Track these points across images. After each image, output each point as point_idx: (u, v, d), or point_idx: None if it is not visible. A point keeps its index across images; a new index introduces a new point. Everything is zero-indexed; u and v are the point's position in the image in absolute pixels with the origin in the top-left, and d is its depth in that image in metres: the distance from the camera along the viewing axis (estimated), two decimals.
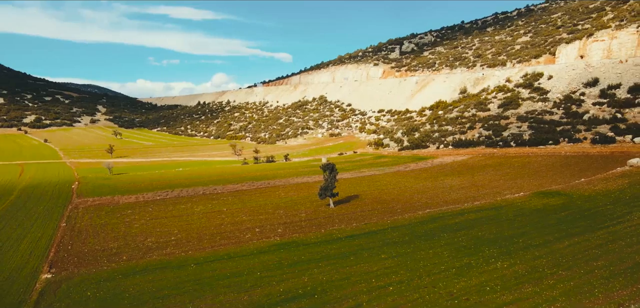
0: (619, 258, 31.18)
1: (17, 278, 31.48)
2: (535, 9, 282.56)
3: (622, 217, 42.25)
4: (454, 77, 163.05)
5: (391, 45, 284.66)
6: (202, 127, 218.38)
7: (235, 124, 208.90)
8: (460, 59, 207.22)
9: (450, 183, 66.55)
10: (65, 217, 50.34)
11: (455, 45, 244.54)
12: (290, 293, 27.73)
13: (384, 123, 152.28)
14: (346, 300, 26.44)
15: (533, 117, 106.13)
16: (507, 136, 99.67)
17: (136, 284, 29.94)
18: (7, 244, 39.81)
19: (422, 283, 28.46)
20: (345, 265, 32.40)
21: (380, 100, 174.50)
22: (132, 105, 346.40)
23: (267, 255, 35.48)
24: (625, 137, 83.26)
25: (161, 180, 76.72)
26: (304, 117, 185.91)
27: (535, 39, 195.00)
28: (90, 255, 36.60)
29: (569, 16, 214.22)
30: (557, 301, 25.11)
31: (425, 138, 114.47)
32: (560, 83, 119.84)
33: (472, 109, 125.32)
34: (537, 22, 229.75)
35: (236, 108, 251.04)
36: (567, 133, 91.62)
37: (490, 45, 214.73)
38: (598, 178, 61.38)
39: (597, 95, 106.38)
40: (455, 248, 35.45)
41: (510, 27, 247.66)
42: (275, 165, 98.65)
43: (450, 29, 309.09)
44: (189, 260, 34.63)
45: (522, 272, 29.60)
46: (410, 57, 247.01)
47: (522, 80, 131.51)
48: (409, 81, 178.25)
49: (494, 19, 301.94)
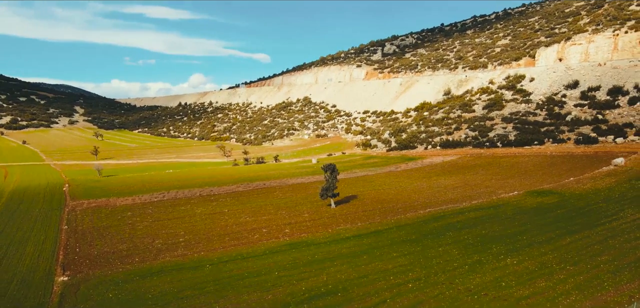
0: (621, 254, 32.70)
1: (33, 281, 31.15)
2: (512, 12, 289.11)
3: (616, 214, 44.13)
4: (438, 78, 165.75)
5: (373, 47, 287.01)
6: (185, 128, 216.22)
7: (219, 125, 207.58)
8: (442, 61, 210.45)
9: (444, 183, 67.97)
10: (64, 220, 49.67)
11: (436, 47, 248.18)
12: (313, 291, 28.26)
13: (369, 124, 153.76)
14: (369, 297, 27.13)
15: (517, 118, 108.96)
16: (493, 137, 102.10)
17: (155, 285, 30.01)
18: (12, 247, 39.19)
19: (439, 280, 29.36)
20: (359, 264, 33.09)
21: (365, 101, 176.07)
22: (110, 106, 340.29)
23: (280, 255, 35.92)
24: (608, 137, 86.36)
25: (154, 182, 76.08)
26: (289, 118, 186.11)
27: (515, 42, 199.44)
28: (101, 257, 36.37)
29: (546, 20, 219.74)
30: (570, 295, 26.30)
31: (413, 139, 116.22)
32: (542, 85, 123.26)
33: (457, 110, 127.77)
34: (515, 25, 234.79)
35: (219, 109, 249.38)
36: (551, 134, 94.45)
37: (471, 47, 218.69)
38: (586, 178, 63.68)
39: (578, 97, 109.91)
40: (463, 245, 36.53)
41: (489, 30, 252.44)
42: (267, 167, 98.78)
43: (430, 31, 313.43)
44: (203, 261, 34.80)
45: (533, 268, 30.80)
46: (392, 58, 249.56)
47: (504, 82, 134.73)
48: (393, 82, 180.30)
49: (472, 21, 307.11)
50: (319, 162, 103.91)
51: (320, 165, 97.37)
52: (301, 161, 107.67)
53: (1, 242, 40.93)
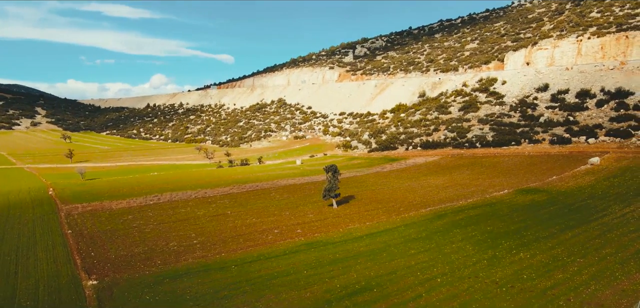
0: (621, 246, 35.34)
1: (60, 286, 30.74)
2: (477, 17, 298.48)
3: (604, 210, 47.26)
4: (412, 81, 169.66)
5: (344, 49, 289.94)
6: (156, 130, 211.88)
7: (193, 126, 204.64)
8: (414, 64, 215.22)
9: (434, 183, 70.27)
10: (65, 224, 48.60)
11: (407, 50, 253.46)
12: (349, 288, 29.29)
13: (346, 125, 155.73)
14: (405, 292, 28.41)
15: (493, 119, 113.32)
16: (471, 137, 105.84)
17: (188, 287, 30.28)
18: (22, 253, 38.27)
19: (464, 274, 30.98)
20: (382, 261, 34.35)
21: (341, 103, 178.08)
22: (73, 107, 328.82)
23: (301, 255, 36.72)
24: (580, 138, 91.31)
25: (144, 185, 74.98)
26: (264, 119, 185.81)
27: (483, 46, 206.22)
28: (121, 260, 36.11)
29: (510, 25, 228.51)
30: (589, 285, 28.43)
31: (393, 140, 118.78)
32: (513, 88, 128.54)
33: (434, 111, 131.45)
34: (482, 30, 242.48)
35: (191, 110, 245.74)
36: (526, 134, 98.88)
37: (441, 51, 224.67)
38: (567, 176, 67.41)
39: (549, 100, 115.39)
40: (474, 242, 38.42)
41: (457, 34, 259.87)
42: (252, 169, 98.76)
43: (399, 35, 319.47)
44: (227, 263, 35.18)
45: (546, 261, 32.91)
46: (363, 60, 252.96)
47: (478, 85, 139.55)
48: (367, 85, 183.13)
49: (439, 25, 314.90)
50: (303, 163, 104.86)
51: (304, 166, 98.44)
52: (285, 162, 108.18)
53: (8, 248, 39.85)
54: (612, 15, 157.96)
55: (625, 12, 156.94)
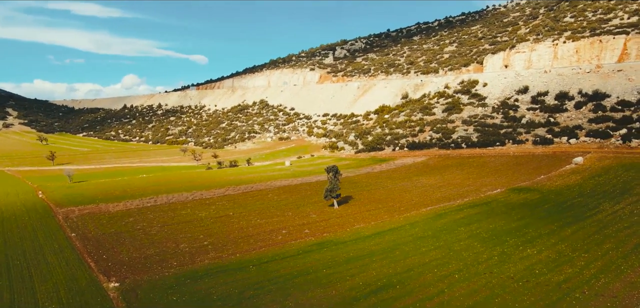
0: (620, 242, 37.25)
1: (81, 288, 30.54)
2: (454, 21, 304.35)
3: (596, 207, 49.49)
4: (394, 82, 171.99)
5: (324, 50, 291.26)
6: (135, 132, 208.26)
7: (173, 128, 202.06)
8: (394, 66, 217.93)
9: (427, 183, 71.82)
10: (66, 228, 47.88)
11: (386, 52, 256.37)
12: (371, 285, 30.10)
13: (331, 127, 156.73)
14: (426, 288, 29.41)
15: (476, 120, 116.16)
16: (456, 138, 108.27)
17: (213, 287, 30.54)
18: (31, 256, 37.68)
19: (479, 270, 32.20)
20: (397, 259, 35.29)
21: (324, 104, 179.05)
22: (45, 108, 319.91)
23: (315, 254, 37.33)
24: (561, 138, 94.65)
25: (136, 188, 74.12)
26: (247, 121, 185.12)
27: (461, 49, 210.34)
28: (135, 262, 36.00)
29: (487, 29, 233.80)
30: (599, 278, 30.02)
31: (379, 141, 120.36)
32: (495, 90, 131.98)
33: (418, 113, 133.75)
34: (459, 33, 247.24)
35: (170, 112, 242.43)
36: (510, 135, 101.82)
37: (420, 53, 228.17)
38: (555, 175, 69.98)
39: (529, 101, 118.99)
40: (480, 239, 39.80)
41: (435, 37, 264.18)
42: (242, 170, 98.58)
43: (378, 36, 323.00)
44: (244, 263, 35.52)
45: (554, 257, 34.46)
46: (344, 62, 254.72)
47: (460, 87, 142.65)
48: (350, 86, 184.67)
49: (417, 28, 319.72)
50: (292, 164, 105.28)
51: (294, 167, 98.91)
52: (274, 164, 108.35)
53: (14, 252, 39.16)
54: (586, 20, 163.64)
55: (598, 17, 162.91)
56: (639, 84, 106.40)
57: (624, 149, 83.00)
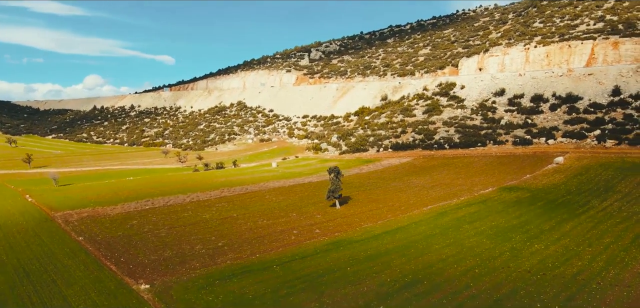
0: (617, 236, 39.82)
1: (111, 290, 30.49)
2: (425, 24, 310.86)
3: (586, 204, 52.42)
4: (373, 84, 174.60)
5: (299, 52, 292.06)
6: (109, 134, 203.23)
7: (149, 130, 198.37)
8: (371, 68, 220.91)
9: (419, 183, 73.80)
10: (71, 232, 47.09)
11: (362, 54, 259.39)
12: (399, 281, 31.31)
13: (311, 128, 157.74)
14: (453, 282, 30.85)
15: (456, 122, 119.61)
16: (439, 139, 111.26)
17: (245, 287, 31.07)
18: (47, 260, 37.11)
19: (496, 265, 33.91)
20: (414, 256, 36.65)
21: (303, 106, 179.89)
22: (10, 109, 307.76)
23: (333, 253, 38.26)
24: (540, 139, 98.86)
25: (128, 190, 73.05)
26: (225, 123, 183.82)
27: (436, 52, 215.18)
28: (157, 264, 36.01)
29: (459, 32, 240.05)
30: (608, 270, 32.19)
31: (363, 142, 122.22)
32: (472, 92, 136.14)
33: (399, 114, 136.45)
34: (432, 36, 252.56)
35: (144, 113, 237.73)
36: (490, 136, 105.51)
37: (396, 56, 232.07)
38: (539, 175, 73.26)
39: (506, 103, 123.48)
40: (487, 236, 41.70)
41: (408, 39, 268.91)
42: (230, 172, 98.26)
43: (351, 39, 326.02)
44: (267, 263, 36.13)
45: (561, 251, 36.59)
46: (320, 64, 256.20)
47: (438, 89, 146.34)
48: (329, 88, 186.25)
49: (390, 31, 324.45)
50: (279, 166, 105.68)
51: (282, 169, 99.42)
52: (260, 165, 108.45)
53: (25, 257, 38.45)
54: (554, 26, 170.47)
55: (565, 22, 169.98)
56: (608, 87, 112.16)
57: (599, 149, 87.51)
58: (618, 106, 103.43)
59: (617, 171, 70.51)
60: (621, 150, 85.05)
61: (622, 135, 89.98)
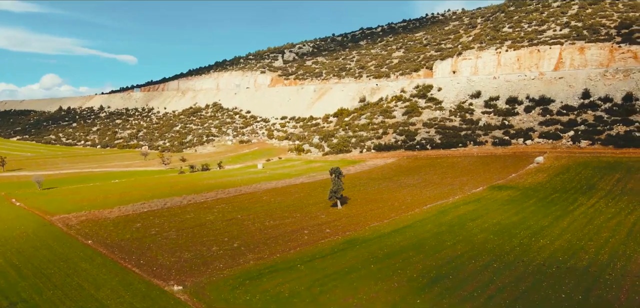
0: (613, 230, 42.55)
1: (145, 292, 30.47)
2: (396, 27, 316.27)
3: (574, 202, 55.39)
4: (351, 86, 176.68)
5: (273, 53, 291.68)
6: (80, 136, 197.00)
7: (122, 131, 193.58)
8: (346, 70, 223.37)
9: (410, 182, 75.76)
10: (77, 235, 46.25)
11: (335, 56, 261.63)
12: (426, 277, 32.67)
13: (291, 129, 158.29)
14: (476, 276, 32.45)
15: (436, 123, 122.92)
16: (420, 140, 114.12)
17: (276, 285, 31.69)
18: (61, 264, 36.51)
19: (510, 260, 35.77)
20: (431, 253, 38.12)
21: (281, 108, 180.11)
22: None
23: (351, 251, 39.31)
24: (518, 140, 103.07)
25: (119, 193, 71.82)
26: (202, 124, 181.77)
27: (409, 54, 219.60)
28: (180, 266, 36.08)
29: (431, 36, 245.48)
30: (615, 263, 34.45)
31: (345, 143, 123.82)
32: (449, 94, 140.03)
33: (379, 116, 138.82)
34: (405, 39, 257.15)
35: (115, 114, 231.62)
36: (470, 137, 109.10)
37: (370, 58, 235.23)
38: (523, 174, 76.59)
39: (483, 106, 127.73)
40: (492, 233, 43.69)
41: (381, 42, 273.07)
42: (218, 174, 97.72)
43: (324, 41, 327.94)
44: (289, 262, 36.82)
45: (566, 246, 38.80)
46: (294, 65, 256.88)
47: (415, 91, 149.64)
48: (306, 89, 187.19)
49: (361, 33, 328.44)
50: (265, 167, 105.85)
51: (270, 170, 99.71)
52: (246, 167, 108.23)
53: (38, 261, 37.70)
54: (523, 31, 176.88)
55: (533, 28, 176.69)
56: (578, 90, 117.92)
57: (575, 149, 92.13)
58: (588, 108, 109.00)
59: (595, 170, 74.64)
60: (595, 150, 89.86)
61: (594, 136, 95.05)
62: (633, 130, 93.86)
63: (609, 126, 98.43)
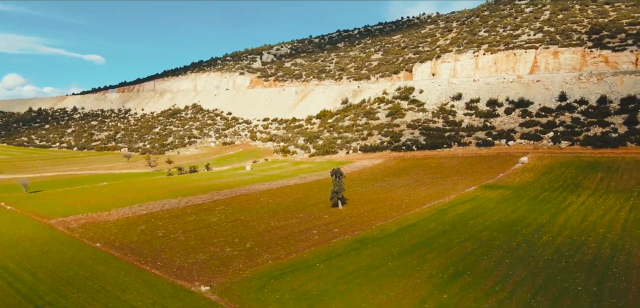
0: (607, 226, 44.88)
1: (173, 293, 30.56)
2: (373, 29, 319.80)
3: (565, 200, 57.95)
4: (333, 88, 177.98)
5: (250, 54, 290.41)
6: (54, 138, 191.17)
7: (98, 133, 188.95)
8: (325, 72, 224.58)
9: (402, 183, 77.34)
10: (82, 238, 45.61)
11: (314, 58, 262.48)
12: (445, 273, 33.88)
13: (274, 131, 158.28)
14: (494, 271, 33.88)
15: (420, 125, 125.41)
16: (406, 141, 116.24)
17: (302, 284, 32.31)
18: (76, 268, 36.09)
19: (520, 254, 37.42)
20: (442, 251, 39.45)
21: (262, 109, 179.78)
22: None
23: (365, 250, 40.23)
24: (500, 141, 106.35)
25: (111, 196, 70.68)
26: (182, 126, 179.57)
27: (388, 57, 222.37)
28: (198, 267, 36.23)
29: (408, 39, 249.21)
30: (618, 257, 36.55)
31: (331, 145, 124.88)
32: (431, 96, 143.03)
33: (362, 117, 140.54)
34: (382, 42, 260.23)
35: (90, 116, 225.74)
36: (454, 138, 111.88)
37: (349, 60, 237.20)
38: (511, 173, 79.28)
39: (464, 107, 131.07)
40: (496, 230, 45.44)
41: (359, 44, 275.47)
42: (207, 176, 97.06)
43: (301, 42, 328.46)
44: (307, 261, 37.50)
45: (568, 242, 40.78)
46: (273, 67, 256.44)
47: (398, 93, 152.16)
48: (288, 91, 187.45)
49: (338, 35, 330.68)
50: (253, 169, 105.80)
51: (260, 171, 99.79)
52: (234, 169, 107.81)
53: (53, 265, 37.16)
54: (498, 35, 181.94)
55: (508, 32, 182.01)
56: (555, 93, 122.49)
57: (555, 150, 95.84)
58: (566, 110, 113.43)
59: (577, 169, 78.01)
60: (575, 150, 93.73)
61: (573, 137, 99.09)
62: (609, 132, 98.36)
63: (586, 127, 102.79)
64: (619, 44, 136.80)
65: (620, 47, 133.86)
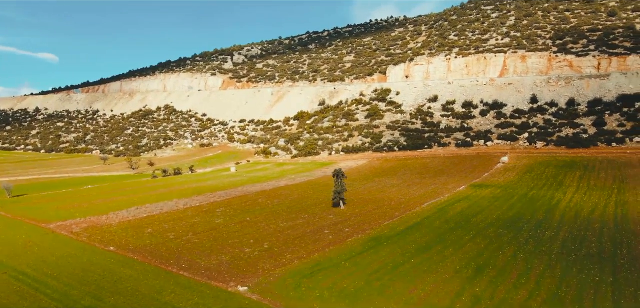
0: (601, 221, 48.08)
1: (214, 295, 30.80)
2: (343, 32, 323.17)
3: (553, 198, 61.20)
4: (309, 89, 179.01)
5: (221, 55, 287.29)
6: (17, 140, 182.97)
7: (66, 135, 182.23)
8: (299, 73, 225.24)
9: (393, 183, 79.29)
10: (94, 243, 44.78)
11: (286, 59, 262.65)
12: (468, 268, 35.55)
13: (251, 133, 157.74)
14: (514, 265, 35.83)
15: (399, 126, 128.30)
16: (387, 142, 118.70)
17: (336, 282, 33.18)
18: (100, 271, 35.63)
19: (530, 249, 39.65)
20: (457, 248, 41.24)
21: (238, 111, 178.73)
22: None
23: (382, 250, 41.39)
24: (479, 141, 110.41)
25: (102, 200, 69.16)
26: (156, 127, 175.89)
27: (360, 59, 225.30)
28: (225, 268, 36.45)
29: (380, 41, 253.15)
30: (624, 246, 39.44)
31: (313, 146, 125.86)
32: (408, 98, 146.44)
33: (342, 119, 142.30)
34: (354, 44, 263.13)
35: (55, 117, 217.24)
36: (434, 139, 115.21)
37: (322, 62, 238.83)
38: (495, 173, 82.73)
39: (441, 109, 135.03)
40: (500, 227, 47.73)
41: (330, 47, 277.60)
42: (195, 178, 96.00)
43: (271, 44, 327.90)
44: (332, 260, 38.39)
45: (571, 237, 43.52)
46: (245, 68, 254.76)
47: (375, 95, 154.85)
48: (264, 92, 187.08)
49: (308, 37, 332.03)
50: (238, 170, 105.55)
51: (247, 173, 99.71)
52: (218, 171, 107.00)
53: (73, 268, 36.50)
54: (468, 39, 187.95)
55: (477, 36, 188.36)
56: (526, 95, 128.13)
57: (532, 150, 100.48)
58: (538, 112, 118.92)
59: (557, 169, 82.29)
60: (550, 151, 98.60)
61: (547, 138, 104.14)
62: (580, 133, 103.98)
63: (558, 129, 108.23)
64: (582, 50, 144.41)
65: (583, 52, 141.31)
